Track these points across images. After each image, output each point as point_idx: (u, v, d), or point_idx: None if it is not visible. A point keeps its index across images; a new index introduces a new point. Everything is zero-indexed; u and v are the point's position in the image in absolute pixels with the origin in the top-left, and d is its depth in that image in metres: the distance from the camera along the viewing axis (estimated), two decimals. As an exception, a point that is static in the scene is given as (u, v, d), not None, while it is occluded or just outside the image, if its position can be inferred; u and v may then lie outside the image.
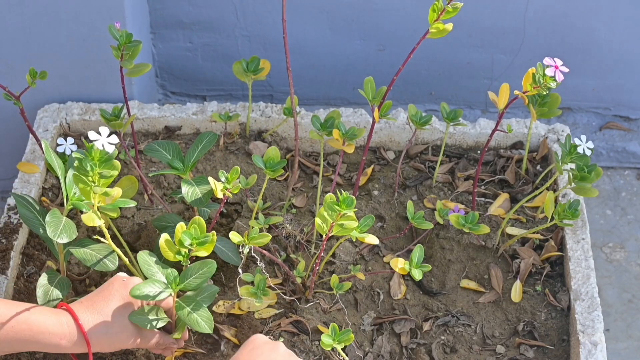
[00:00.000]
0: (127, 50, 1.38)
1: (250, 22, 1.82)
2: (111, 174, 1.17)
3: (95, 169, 1.15)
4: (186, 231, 1.20)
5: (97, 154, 1.15)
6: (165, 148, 1.44)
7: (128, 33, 1.37)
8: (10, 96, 1.45)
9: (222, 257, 1.39)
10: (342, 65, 1.89)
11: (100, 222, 1.21)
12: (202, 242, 1.20)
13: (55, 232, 1.21)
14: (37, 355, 1.36)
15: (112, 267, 1.31)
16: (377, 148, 1.67)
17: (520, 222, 1.53)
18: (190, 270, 1.22)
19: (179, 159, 1.42)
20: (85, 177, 1.16)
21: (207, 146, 1.43)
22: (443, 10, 1.25)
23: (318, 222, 1.26)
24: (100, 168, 1.16)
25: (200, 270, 1.22)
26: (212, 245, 1.21)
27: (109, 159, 1.17)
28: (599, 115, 1.97)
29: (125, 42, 1.37)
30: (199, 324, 1.21)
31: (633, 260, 1.90)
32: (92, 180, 1.16)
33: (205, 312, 1.22)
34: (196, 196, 1.36)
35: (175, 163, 1.41)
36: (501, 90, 1.39)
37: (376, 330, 1.41)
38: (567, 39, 1.82)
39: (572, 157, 1.41)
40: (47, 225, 1.21)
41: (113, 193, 1.19)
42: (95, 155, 1.15)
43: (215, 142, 1.44)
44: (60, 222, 1.23)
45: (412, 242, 1.51)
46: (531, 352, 1.38)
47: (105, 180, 1.17)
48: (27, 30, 1.64)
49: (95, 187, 1.17)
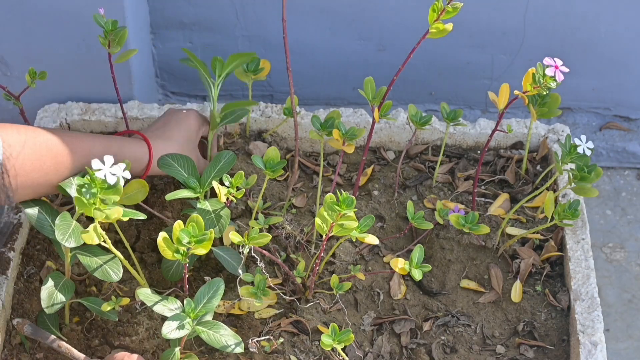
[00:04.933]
0: (114, 36, 1.41)
1: (250, 22, 1.82)
2: (113, 200, 1.17)
3: (95, 197, 1.16)
4: (184, 229, 1.20)
5: (99, 183, 1.16)
6: (180, 163, 1.40)
7: (113, 20, 1.40)
8: (10, 96, 1.45)
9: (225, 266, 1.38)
10: (342, 65, 1.89)
11: (100, 241, 1.21)
12: (201, 240, 1.21)
13: (64, 236, 1.22)
14: (37, 356, 1.37)
15: (115, 279, 1.31)
16: (377, 148, 1.67)
17: (520, 222, 1.53)
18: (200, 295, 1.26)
19: (195, 176, 1.39)
20: (87, 202, 1.16)
21: (225, 168, 1.39)
22: (443, 10, 1.25)
23: (318, 222, 1.26)
24: (103, 195, 1.16)
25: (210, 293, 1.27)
26: (210, 243, 1.21)
27: (110, 187, 1.17)
28: (599, 115, 1.97)
29: (112, 29, 1.40)
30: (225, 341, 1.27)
31: (633, 260, 1.90)
32: (93, 203, 1.16)
33: (227, 330, 1.27)
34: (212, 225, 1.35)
35: (191, 182, 1.37)
36: (501, 90, 1.39)
37: (376, 331, 1.41)
38: (567, 39, 1.82)
39: (572, 157, 1.41)
40: (56, 229, 1.22)
41: (113, 216, 1.19)
42: (97, 184, 1.16)
43: (234, 163, 1.40)
44: (69, 227, 1.23)
45: (412, 242, 1.51)
46: (531, 352, 1.38)
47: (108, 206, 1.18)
48: (27, 30, 1.64)
49: (96, 211, 1.17)
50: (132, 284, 1.45)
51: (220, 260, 1.37)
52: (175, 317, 1.23)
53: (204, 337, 1.26)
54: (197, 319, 1.24)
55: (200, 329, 1.25)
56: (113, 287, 1.43)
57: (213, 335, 1.25)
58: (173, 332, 1.22)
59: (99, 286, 1.45)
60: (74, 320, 1.41)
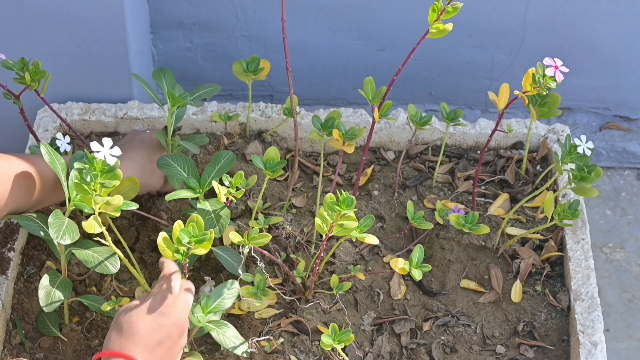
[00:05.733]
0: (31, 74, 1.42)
1: (250, 22, 1.82)
2: (112, 184, 1.17)
3: (96, 180, 1.15)
4: (184, 229, 1.20)
5: (99, 165, 1.15)
6: (179, 163, 1.39)
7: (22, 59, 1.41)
8: (10, 95, 1.45)
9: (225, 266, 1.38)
10: (342, 65, 1.89)
11: (101, 230, 1.21)
12: (200, 240, 1.21)
13: (58, 233, 1.22)
14: (37, 356, 1.36)
15: (113, 270, 1.31)
16: (377, 148, 1.67)
17: (520, 222, 1.53)
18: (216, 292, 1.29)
19: (195, 176, 1.38)
20: (87, 187, 1.16)
21: (225, 167, 1.38)
22: (443, 10, 1.25)
23: (318, 222, 1.26)
24: (102, 179, 1.16)
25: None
26: (210, 243, 1.21)
27: (110, 170, 1.17)
28: (599, 115, 1.97)
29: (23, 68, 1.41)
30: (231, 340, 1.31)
31: (633, 260, 1.90)
32: (93, 189, 1.16)
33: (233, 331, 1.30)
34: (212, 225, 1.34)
35: (190, 182, 1.37)
36: (501, 91, 1.39)
37: (376, 331, 1.41)
38: (567, 39, 1.82)
39: (572, 157, 1.41)
40: (49, 227, 1.21)
41: (114, 202, 1.19)
42: (97, 167, 1.15)
43: (234, 163, 1.39)
44: (62, 224, 1.23)
45: (412, 242, 1.51)
46: (531, 352, 1.38)
47: (107, 190, 1.17)
48: (27, 30, 1.64)
49: (97, 197, 1.17)
50: (132, 284, 1.45)
51: (220, 260, 1.38)
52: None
53: (213, 335, 1.26)
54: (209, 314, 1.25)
55: (210, 326, 1.26)
56: (113, 287, 1.44)
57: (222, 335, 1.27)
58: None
59: (98, 286, 1.45)
60: (74, 320, 1.41)
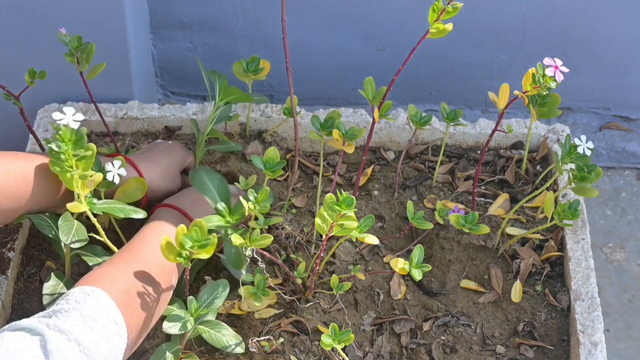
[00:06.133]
0: (81, 53, 1.40)
1: (250, 22, 1.82)
2: (85, 154, 1.16)
3: (67, 150, 1.14)
4: (187, 233, 1.20)
5: (66, 134, 1.14)
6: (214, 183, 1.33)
7: (78, 37, 1.39)
8: (9, 96, 1.45)
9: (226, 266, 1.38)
10: (342, 65, 1.89)
11: (85, 208, 1.20)
12: (203, 245, 1.20)
13: (68, 236, 1.22)
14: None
15: None
16: (377, 148, 1.67)
17: (520, 222, 1.53)
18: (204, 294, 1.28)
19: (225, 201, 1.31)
20: (62, 163, 1.15)
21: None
22: (443, 10, 1.25)
23: (318, 222, 1.26)
24: (73, 150, 1.15)
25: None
26: (213, 248, 1.20)
27: (79, 138, 1.15)
28: (599, 115, 1.97)
29: (78, 47, 1.39)
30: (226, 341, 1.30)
31: (633, 260, 1.90)
32: (69, 165, 1.15)
33: (228, 330, 1.29)
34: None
35: (220, 206, 1.30)
36: (501, 90, 1.39)
37: (376, 331, 1.41)
38: (567, 39, 1.82)
39: (572, 157, 1.41)
40: (59, 229, 1.22)
41: (92, 176, 1.17)
42: (65, 136, 1.14)
43: None
44: (72, 227, 1.23)
45: (412, 242, 1.51)
46: (531, 352, 1.38)
47: (82, 163, 1.16)
48: (27, 30, 1.64)
49: (73, 171, 1.16)
50: (132, 284, 1.45)
51: (222, 260, 1.38)
52: (175, 317, 1.23)
53: (205, 337, 1.26)
54: (199, 318, 1.24)
55: (203, 328, 1.25)
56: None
57: (215, 335, 1.26)
58: (173, 329, 1.22)
59: (99, 286, 1.45)
60: (74, 320, 1.41)
